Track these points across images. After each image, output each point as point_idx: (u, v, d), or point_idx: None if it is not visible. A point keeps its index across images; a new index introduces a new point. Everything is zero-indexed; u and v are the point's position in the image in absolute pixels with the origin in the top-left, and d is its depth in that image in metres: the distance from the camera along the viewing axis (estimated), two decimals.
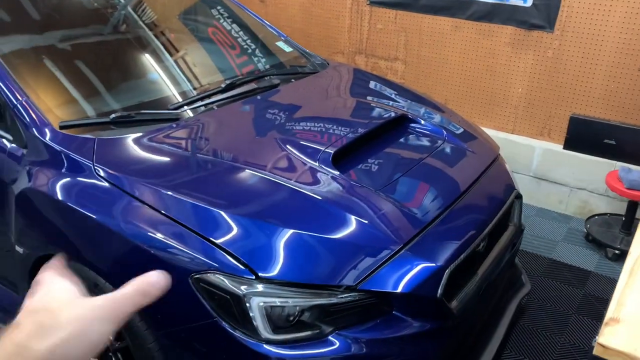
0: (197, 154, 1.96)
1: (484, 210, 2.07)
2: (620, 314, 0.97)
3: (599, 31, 3.33)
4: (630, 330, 0.93)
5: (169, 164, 1.90)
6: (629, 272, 1.09)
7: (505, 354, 2.47)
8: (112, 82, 2.35)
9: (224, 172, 1.87)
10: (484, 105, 3.94)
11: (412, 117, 2.43)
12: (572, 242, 3.42)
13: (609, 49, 3.33)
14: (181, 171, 1.88)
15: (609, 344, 0.90)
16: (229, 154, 1.98)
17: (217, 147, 2.03)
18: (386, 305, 1.68)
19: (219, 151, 1.99)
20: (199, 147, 2.01)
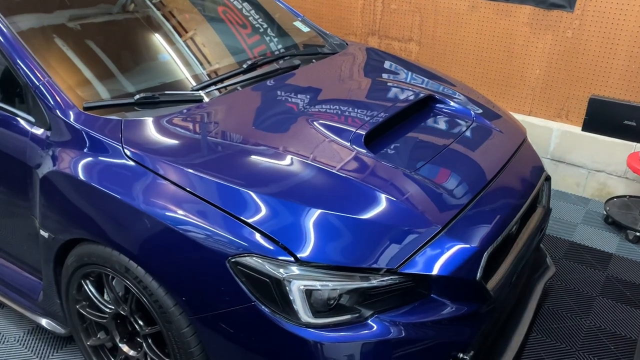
0: (225, 135, 1.92)
1: (516, 192, 2.03)
2: None
3: (621, 10, 3.27)
4: None
5: (197, 145, 1.85)
6: None
7: (531, 336, 2.45)
8: (133, 63, 2.29)
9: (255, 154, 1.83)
10: (500, 86, 3.89)
11: (439, 98, 2.38)
12: (591, 224, 3.39)
13: (631, 28, 3.27)
14: (211, 152, 1.84)
15: None
16: (257, 134, 1.94)
17: (245, 127, 1.98)
18: (424, 289, 1.65)
19: (247, 132, 1.95)
20: (226, 128, 1.96)
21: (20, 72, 1.95)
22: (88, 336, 2.08)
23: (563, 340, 2.44)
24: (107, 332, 2.01)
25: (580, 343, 2.43)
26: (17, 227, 2.13)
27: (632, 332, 2.49)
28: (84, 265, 1.88)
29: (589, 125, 3.59)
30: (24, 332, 2.44)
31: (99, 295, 1.95)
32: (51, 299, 2.12)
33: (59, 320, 2.17)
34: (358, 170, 1.79)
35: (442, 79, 2.72)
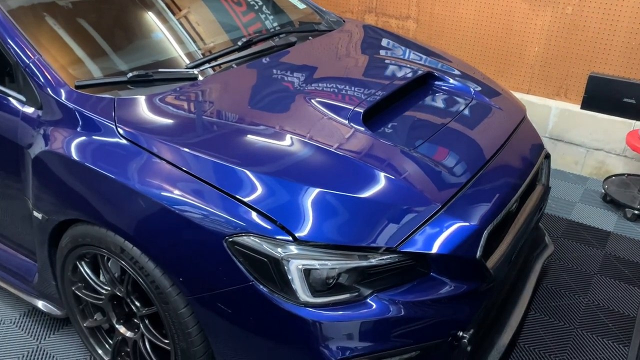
0: (221, 114, 1.88)
1: (516, 170, 2.01)
2: None
3: None
4: None
5: (192, 124, 1.82)
6: None
7: (530, 314, 2.45)
8: (126, 40, 2.24)
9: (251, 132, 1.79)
10: (499, 64, 3.84)
11: (438, 75, 2.34)
12: (589, 203, 3.38)
13: (631, 4, 3.22)
14: (206, 131, 1.80)
15: None
16: (253, 113, 1.90)
17: (241, 106, 1.94)
18: (423, 267, 1.64)
19: (243, 110, 1.91)
20: (221, 106, 1.93)
21: (10, 51, 1.91)
22: (84, 318, 2.06)
23: (561, 318, 2.44)
24: (104, 313, 2.00)
25: (578, 321, 2.43)
26: (10, 209, 2.11)
27: (631, 310, 2.49)
28: (79, 247, 1.85)
29: (588, 103, 3.55)
30: (20, 314, 2.43)
31: (94, 276, 1.93)
32: (46, 280, 2.10)
33: (55, 302, 2.15)
34: (356, 148, 1.76)
35: (441, 56, 2.68)
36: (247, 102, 1.97)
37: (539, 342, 2.31)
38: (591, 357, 2.24)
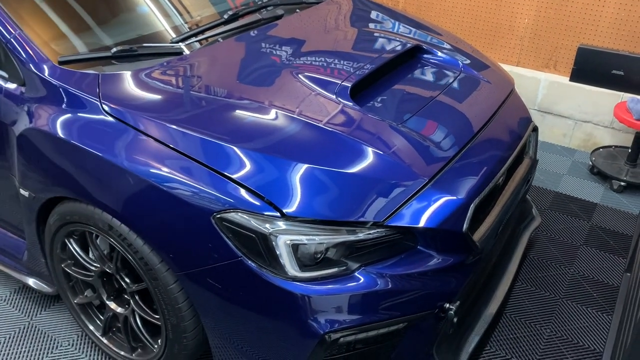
0: (207, 89, 1.86)
1: (503, 143, 2.01)
2: None
3: None
4: None
5: (178, 100, 1.80)
6: None
7: (516, 285, 2.49)
8: (109, 15, 2.20)
9: (237, 108, 1.78)
10: (488, 37, 3.82)
11: (426, 48, 2.33)
12: (576, 175, 3.41)
13: None
14: (193, 107, 1.78)
15: None
16: (240, 88, 1.88)
17: (228, 80, 1.92)
18: (411, 241, 1.65)
19: (230, 85, 1.89)
20: (208, 81, 1.91)
21: None
22: (75, 294, 2.07)
23: (547, 289, 2.49)
24: (94, 290, 2.01)
25: (564, 291, 2.47)
26: None
27: (614, 279, 2.54)
28: (67, 224, 1.85)
29: (577, 75, 3.55)
30: (10, 291, 2.43)
31: (84, 253, 1.93)
32: (36, 258, 2.10)
33: (45, 279, 2.15)
34: (344, 123, 1.76)
35: (430, 28, 2.65)
36: (234, 77, 1.96)
37: (525, 312, 2.35)
38: (575, 326, 2.29)
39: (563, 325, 2.29)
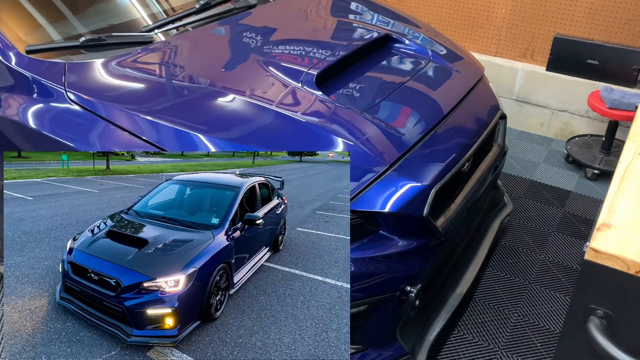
0: (173, 78, 1.88)
1: (469, 131, 2.05)
2: (611, 219, 0.97)
3: None
4: (620, 234, 0.93)
5: (144, 89, 1.82)
6: (620, 179, 1.08)
7: (487, 271, 2.54)
8: (79, 3, 2.21)
9: (204, 96, 1.80)
10: (467, 27, 3.85)
11: (396, 37, 2.35)
12: (552, 163, 3.46)
13: None
14: (157, 95, 1.80)
15: (600, 248, 0.90)
16: (207, 77, 1.90)
17: (195, 70, 1.94)
18: (373, 225, 1.68)
19: (196, 74, 1.91)
20: (175, 71, 1.92)
21: None
22: None
23: (517, 274, 2.53)
24: None
25: (533, 276, 2.52)
26: None
27: None
28: None
29: (553, 64, 3.58)
30: None
31: None
32: None
33: None
34: (307, 111, 1.78)
35: (402, 17, 2.68)
36: (202, 66, 1.97)
37: (494, 297, 2.40)
38: (543, 309, 2.34)
39: (531, 310, 2.34)
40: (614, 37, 3.36)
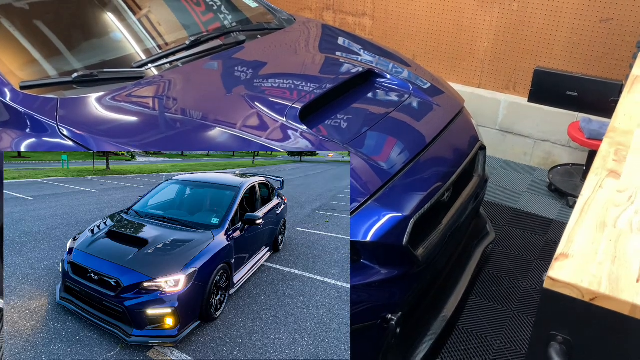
0: (163, 113, 1.95)
1: (448, 162, 2.12)
2: (569, 249, 1.03)
3: None
4: (577, 264, 0.99)
5: (134, 123, 1.89)
6: (580, 211, 1.15)
7: (470, 299, 2.58)
8: (72, 40, 2.29)
9: (191, 131, 1.87)
10: (451, 60, 3.97)
11: (378, 72, 2.45)
12: (535, 192, 3.54)
13: (573, 2, 3.37)
14: (147, 130, 1.87)
15: (557, 277, 0.96)
16: (195, 111, 1.97)
17: (184, 105, 2.02)
18: (354, 254, 1.74)
19: (185, 109, 1.98)
20: (165, 106, 2.00)
21: None
22: None
23: (500, 302, 2.58)
24: None
25: (516, 304, 2.57)
26: None
27: None
28: None
29: (534, 96, 3.69)
30: None
31: None
32: None
33: None
34: (291, 144, 1.85)
35: (387, 52, 2.78)
36: (190, 101, 2.05)
37: (477, 325, 2.44)
38: (526, 337, 2.38)
39: (514, 337, 2.38)
40: (592, 70, 3.48)
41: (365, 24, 4.20)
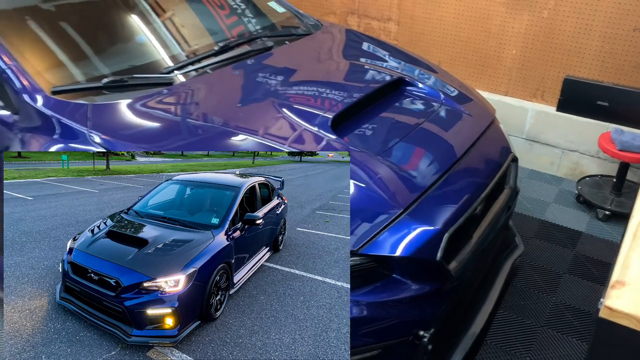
0: (192, 119, 1.93)
1: (481, 174, 2.07)
2: (625, 277, 0.99)
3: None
4: (636, 293, 0.95)
5: (164, 129, 1.87)
6: (633, 235, 1.10)
7: (498, 312, 2.53)
8: (102, 45, 2.28)
9: (220, 137, 1.85)
10: (477, 67, 3.91)
11: (409, 80, 2.41)
12: (563, 203, 3.47)
13: (605, 9, 3.30)
14: (176, 136, 1.85)
15: (615, 306, 0.92)
16: (225, 118, 1.95)
17: (214, 111, 1.99)
18: (386, 269, 1.70)
19: (215, 115, 1.96)
20: (193, 112, 1.98)
21: None
22: None
23: (529, 316, 2.52)
24: None
25: (545, 319, 2.51)
26: None
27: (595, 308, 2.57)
28: None
29: (563, 105, 3.62)
30: None
31: None
32: None
33: None
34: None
35: (415, 60, 2.74)
36: (219, 107, 2.03)
37: (506, 340, 2.39)
38: (555, 354, 2.32)
39: (543, 353, 2.32)
40: (624, 80, 3.40)
41: (390, 29, 4.16)
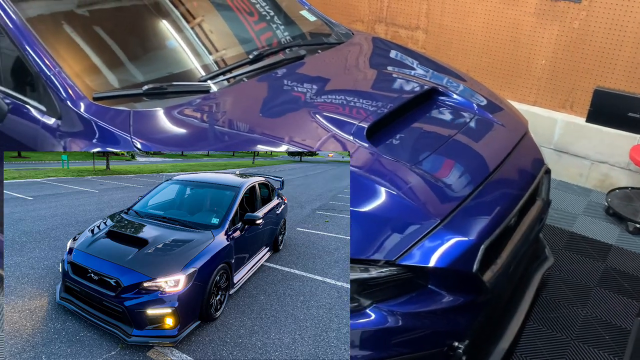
0: (232, 126, 1.96)
1: (515, 185, 2.07)
2: None
3: (628, 2, 3.26)
4: None
5: (205, 135, 1.90)
6: None
7: (528, 325, 2.51)
8: (138, 53, 2.33)
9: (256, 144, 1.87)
10: (506, 76, 3.90)
11: (442, 90, 2.41)
12: (592, 215, 3.43)
13: (637, 20, 3.27)
14: (218, 142, 1.88)
15: None
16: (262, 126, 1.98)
17: (250, 118, 2.02)
18: (422, 280, 1.70)
19: (251, 123, 1.99)
20: (233, 119, 2.01)
21: (31, 62, 2.00)
22: None
23: (559, 330, 2.50)
24: None
25: (576, 332, 2.48)
26: None
27: (627, 322, 2.54)
28: None
29: (593, 116, 3.60)
30: None
31: None
32: None
33: None
34: (359, 163, 1.84)
35: (447, 70, 2.74)
36: (257, 115, 2.05)
37: (536, 353, 2.37)
38: None
39: None
40: None
41: (418, 38, 4.17)
